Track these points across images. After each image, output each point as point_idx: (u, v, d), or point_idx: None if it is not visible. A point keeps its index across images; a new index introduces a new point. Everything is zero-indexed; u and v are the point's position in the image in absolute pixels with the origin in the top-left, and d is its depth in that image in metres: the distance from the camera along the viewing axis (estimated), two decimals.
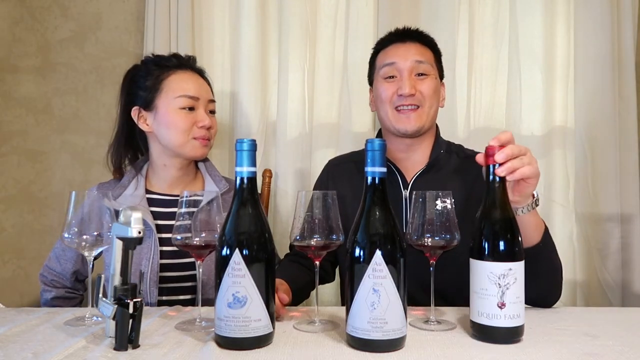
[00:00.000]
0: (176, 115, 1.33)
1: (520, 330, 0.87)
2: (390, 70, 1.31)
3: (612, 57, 1.77)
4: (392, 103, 1.30)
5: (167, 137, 1.34)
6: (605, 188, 1.77)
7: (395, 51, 1.32)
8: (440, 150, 1.34)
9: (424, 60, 1.30)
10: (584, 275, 1.81)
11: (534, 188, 1.01)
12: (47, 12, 1.96)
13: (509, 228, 0.89)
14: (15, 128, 1.97)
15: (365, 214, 0.86)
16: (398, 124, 1.29)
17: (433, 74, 1.32)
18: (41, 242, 1.95)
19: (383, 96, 1.30)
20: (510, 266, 0.85)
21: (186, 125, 1.33)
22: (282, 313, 1.03)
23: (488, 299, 0.86)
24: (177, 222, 0.95)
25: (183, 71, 1.37)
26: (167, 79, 1.35)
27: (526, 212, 1.03)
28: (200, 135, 1.34)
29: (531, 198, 1.04)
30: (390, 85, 1.30)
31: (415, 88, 1.27)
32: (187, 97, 1.33)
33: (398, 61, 1.30)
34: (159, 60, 1.39)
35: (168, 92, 1.34)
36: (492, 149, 0.93)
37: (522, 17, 1.83)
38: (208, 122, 1.34)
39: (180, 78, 1.35)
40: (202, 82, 1.40)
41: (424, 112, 1.29)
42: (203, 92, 1.37)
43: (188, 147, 1.34)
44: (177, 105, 1.33)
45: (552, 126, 1.84)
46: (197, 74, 1.40)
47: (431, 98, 1.30)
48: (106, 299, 0.85)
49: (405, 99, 1.27)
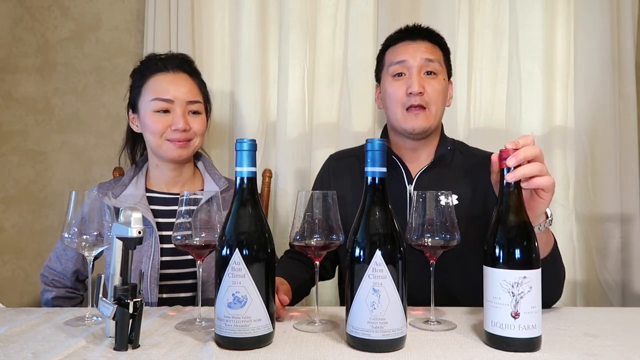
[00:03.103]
0: (150, 118, 1.34)
1: (537, 341, 0.83)
2: (399, 67, 1.30)
3: (612, 57, 1.76)
4: (402, 103, 1.29)
5: (147, 139, 1.37)
6: (605, 188, 1.77)
7: (404, 49, 1.31)
8: (447, 147, 1.35)
9: (434, 59, 1.30)
10: (584, 275, 1.81)
11: (547, 204, 0.97)
12: (47, 12, 1.96)
13: (524, 234, 0.85)
14: (15, 128, 1.97)
15: (365, 214, 0.86)
16: (406, 123, 1.28)
17: (442, 73, 1.32)
18: (41, 242, 1.95)
19: (393, 96, 1.30)
20: (524, 274, 0.81)
21: (158, 129, 1.33)
22: (283, 314, 1.03)
23: (501, 308, 0.82)
24: (177, 222, 0.95)
25: (163, 73, 1.37)
26: (148, 81, 1.36)
27: (537, 231, 0.96)
28: (175, 138, 1.34)
29: (543, 217, 1.00)
30: (400, 83, 1.29)
31: (424, 87, 1.27)
32: (160, 100, 1.33)
33: (408, 59, 1.29)
34: (148, 62, 1.40)
35: (145, 95, 1.35)
36: (507, 152, 0.90)
37: (522, 17, 1.82)
38: (182, 125, 1.32)
39: (158, 80, 1.36)
40: (184, 83, 1.37)
41: (431, 114, 1.29)
42: (180, 94, 1.35)
43: (163, 148, 1.35)
44: (151, 108, 1.34)
45: (552, 126, 1.84)
46: (184, 73, 1.39)
47: (438, 99, 1.29)
48: (106, 299, 0.85)
49: (413, 97, 1.26)
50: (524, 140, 0.93)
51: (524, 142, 0.92)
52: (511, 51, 1.82)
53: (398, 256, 0.83)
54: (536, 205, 0.96)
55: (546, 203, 0.96)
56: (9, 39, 1.96)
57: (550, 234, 1.06)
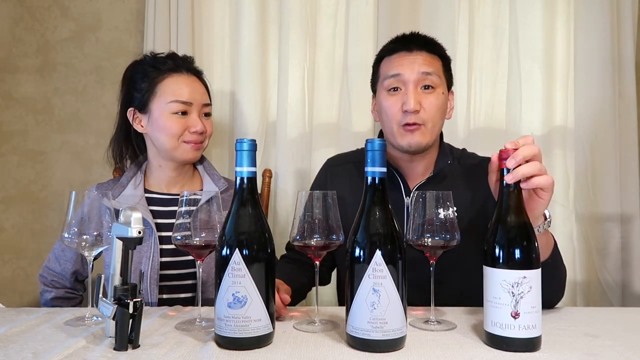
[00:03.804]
0: (168, 120, 1.33)
1: (537, 341, 0.83)
2: (394, 82, 1.23)
3: (612, 57, 1.76)
4: (397, 120, 1.22)
5: (160, 140, 1.35)
6: (605, 188, 1.77)
7: (400, 61, 1.24)
8: (447, 161, 1.30)
9: (432, 72, 1.22)
10: (584, 275, 1.81)
11: (546, 205, 0.96)
12: (47, 12, 1.96)
13: (524, 234, 0.85)
14: (15, 128, 1.97)
15: (365, 214, 0.86)
16: (402, 140, 1.23)
17: (440, 86, 1.24)
18: (41, 242, 1.95)
19: (389, 112, 1.24)
20: (524, 274, 0.82)
21: (178, 130, 1.33)
22: (284, 313, 1.03)
23: (501, 308, 0.82)
24: (177, 222, 0.95)
25: (178, 74, 1.36)
26: (162, 82, 1.35)
27: (537, 233, 0.95)
28: (192, 140, 1.34)
29: (542, 219, 0.99)
30: (395, 99, 1.23)
31: (420, 104, 1.20)
32: (179, 102, 1.33)
33: (403, 73, 1.22)
34: (155, 62, 1.38)
35: (161, 96, 1.34)
36: (507, 152, 0.90)
37: (522, 17, 1.82)
38: (200, 127, 1.33)
39: (174, 82, 1.35)
40: (198, 86, 1.38)
41: (427, 130, 1.22)
42: (197, 96, 1.36)
43: (179, 150, 1.35)
44: (170, 110, 1.33)
45: (552, 126, 1.84)
46: (194, 75, 1.39)
47: (435, 115, 1.23)
48: (106, 299, 0.85)
49: (409, 115, 1.20)
50: (523, 140, 0.93)
51: (524, 142, 0.92)
52: (511, 51, 1.82)
53: (398, 256, 0.83)
54: (535, 206, 0.96)
55: (545, 203, 0.96)
56: (9, 39, 1.96)
57: (550, 235, 1.05)
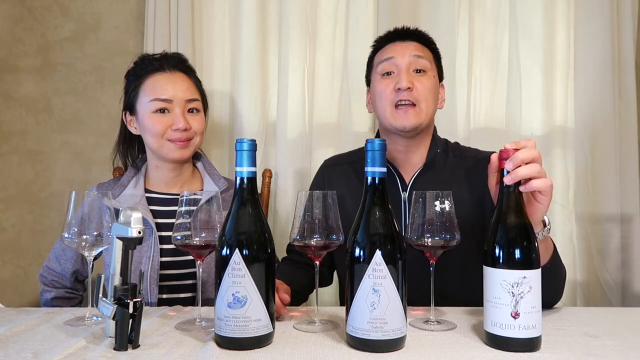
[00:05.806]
0: (150, 119, 1.33)
1: (537, 341, 0.83)
2: (387, 65, 1.28)
3: (612, 57, 1.76)
4: (390, 100, 1.26)
5: (147, 140, 1.36)
6: (605, 188, 1.77)
7: (393, 48, 1.30)
8: (437, 149, 1.32)
9: (423, 56, 1.28)
10: (584, 275, 1.81)
11: (545, 209, 0.95)
12: (47, 12, 1.96)
13: (524, 234, 0.85)
14: (15, 128, 1.97)
15: (365, 214, 0.86)
16: (396, 121, 1.25)
17: (431, 71, 1.29)
18: (41, 242, 1.95)
19: (382, 94, 1.27)
20: (524, 274, 0.82)
21: (160, 129, 1.32)
22: (284, 313, 1.03)
23: (501, 308, 0.82)
24: (177, 222, 0.95)
25: (160, 73, 1.36)
26: (144, 82, 1.35)
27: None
28: (176, 138, 1.33)
29: (541, 226, 0.98)
30: (388, 81, 1.27)
31: (413, 83, 1.24)
32: (159, 100, 1.33)
33: (396, 56, 1.27)
34: (143, 63, 1.39)
35: (143, 96, 1.35)
36: (507, 152, 0.90)
37: (522, 17, 1.82)
38: (183, 124, 1.32)
39: (156, 80, 1.35)
40: (181, 82, 1.37)
41: (422, 110, 1.25)
42: (179, 93, 1.34)
43: (164, 149, 1.34)
44: (151, 109, 1.33)
45: (552, 126, 1.84)
46: (180, 72, 1.38)
47: (428, 96, 1.26)
48: (106, 299, 0.85)
49: (402, 93, 1.23)
50: (525, 142, 0.93)
51: (525, 143, 0.92)
52: (511, 51, 1.82)
53: (398, 256, 0.83)
54: (534, 211, 0.95)
55: (544, 208, 0.95)
56: (9, 39, 1.96)
57: (550, 241, 1.05)
